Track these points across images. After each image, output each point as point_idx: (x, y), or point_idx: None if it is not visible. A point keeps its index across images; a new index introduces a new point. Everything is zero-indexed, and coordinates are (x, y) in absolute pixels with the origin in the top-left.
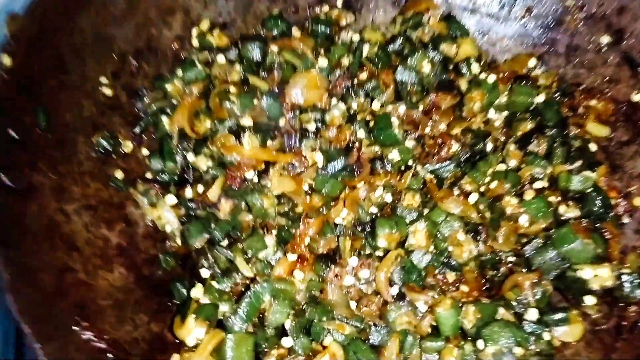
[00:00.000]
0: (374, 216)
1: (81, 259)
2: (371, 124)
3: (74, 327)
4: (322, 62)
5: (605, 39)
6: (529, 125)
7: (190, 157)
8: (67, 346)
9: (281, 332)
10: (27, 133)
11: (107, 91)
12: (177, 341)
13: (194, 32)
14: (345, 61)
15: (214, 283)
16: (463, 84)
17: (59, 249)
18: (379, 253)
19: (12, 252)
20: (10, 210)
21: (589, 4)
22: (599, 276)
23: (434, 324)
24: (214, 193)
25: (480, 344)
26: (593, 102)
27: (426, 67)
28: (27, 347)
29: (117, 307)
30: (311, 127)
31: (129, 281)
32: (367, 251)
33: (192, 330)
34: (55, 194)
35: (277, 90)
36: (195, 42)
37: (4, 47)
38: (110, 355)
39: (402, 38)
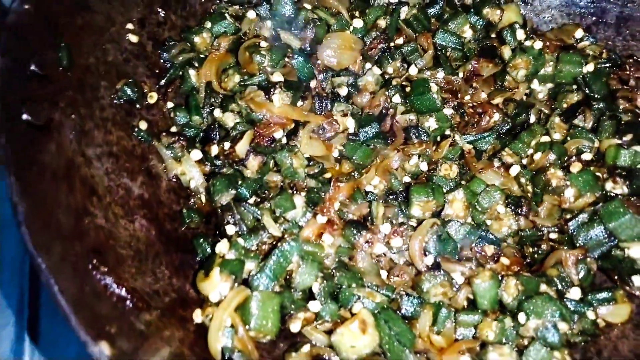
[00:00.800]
0: (407, 186)
1: (101, 204)
2: (407, 89)
3: (92, 270)
4: (358, 22)
5: None
6: (575, 98)
7: (218, 113)
8: (83, 287)
9: (309, 296)
10: (49, 69)
11: (133, 38)
12: (200, 297)
13: None
14: (382, 23)
15: (239, 240)
16: (506, 52)
17: (78, 191)
18: (412, 223)
19: (29, 187)
20: (29, 145)
21: None
22: None
23: (471, 297)
24: (241, 147)
25: (522, 317)
26: None
27: (468, 32)
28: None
29: (137, 258)
30: (343, 91)
31: (151, 234)
32: (400, 220)
33: (217, 285)
34: (76, 136)
35: (309, 49)
36: None
37: None
38: (128, 304)
39: (443, 1)
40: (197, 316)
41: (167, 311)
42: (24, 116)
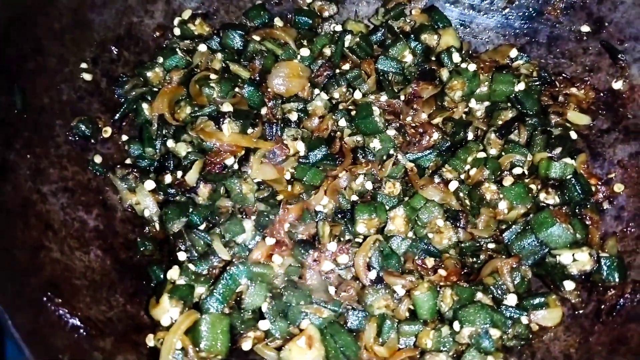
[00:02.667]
0: (354, 203)
1: (56, 238)
2: (353, 113)
3: (47, 303)
4: (304, 51)
5: (585, 28)
6: (509, 114)
7: (170, 143)
8: (38, 319)
9: (259, 315)
10: (4, 113)
11: (87, 76)
12: (153, 323)
13: (176, 21)
14: (328, 51)
15: (190, 265)
16: (444, 74)
17: (34, 227)
18: (359, 239)
19: None
20: None
21: None
22: (578, 260)
23: (412, 307)
24: (191, 176)
25: (456, 325)
26: (574, 91)
27: (408, 57)
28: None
29: (92, 288)
30: (293, 116)
31: (106, 263)
32: (347, 237)
33: (167, 310)
34: (31, 175)
35: (258, 79)
36: (177, 31)
37: None
38: (82, 332)
39: (384, 28)
40: (150, 340)
41: (121, 337)
42: None
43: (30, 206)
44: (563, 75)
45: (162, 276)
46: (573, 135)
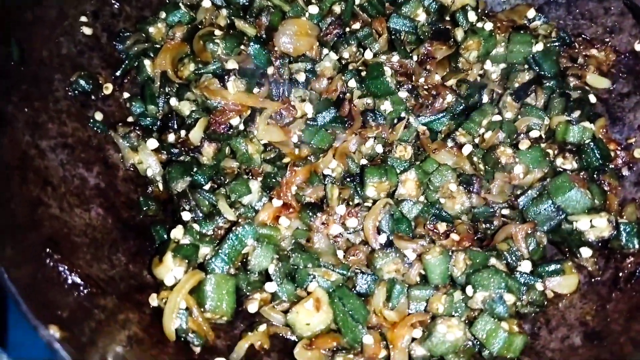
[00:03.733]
0: (364, 167)
1: (55, 195)
2: (363, 73)
3: (45, 258)
4: (313, 9)
5: None
6: (526, 76)
7: (174, 101)
8: (36, 276)
9: (265, 277)
10: (1, 64)
11: (87, 30)
12: (156, 282)
13: None
14: (337, 9)
15: (195, 225)
16: (459, 34)
17: (32, 182)
18: (368, 203)
19: None
20: None
21: None
22: (596, 227)
23: (423, 272)
24: (196, 135)
25: (469, 290)
26: (594, 52)
27: (421, 16)
28: None
29: (93, 245)
30: (301, 77)
31: (107, 222)
32: (356, 201)
33: (171, 269)
34: (30, 129)
35: (265, 37)
36: None
37: None
38: (82, 290)
39: None
40: (153, 300)
41: (123, 296)
42: None
43: (29, 161)
44: (583, 36)
45: (165, 236)
46: (592, 98)
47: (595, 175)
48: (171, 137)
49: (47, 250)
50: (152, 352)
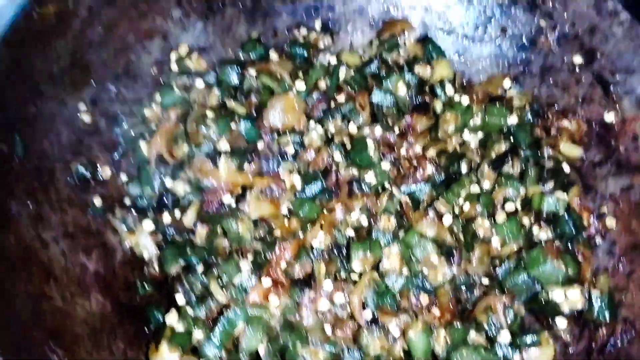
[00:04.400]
0: (350, 239)
1: (58, 286)
2: (348, 146)
3: (49, 353)
4: (300, 85)
5: (578, 59)
6: (503, 147)
7: (169, 182)
8: None
9: (256, 358)
10: (5, 162)
11: (86, 118)
12: None
13: (173, 56)
14: (323, 84)
15: (188, 309)
16: (438, 106)
17: (36, 276)
18: (355, 277)
19: None
20: None
21: (561, 24)
22: (569, 298)
23: (407, 348)
24: (189, 219)
25: None
26: (566, 123)
27: (402, 90)
28: None
29: (93, 334)
30: (290, 149)
31: (106, 308)
32: (343, 275)
33: (166, 357)
34: (33, 222)
35: (254, 114)
36: (174, 67)
37: None
38: None
39: (378, 60)
40: None
41: None
42: None
43: (33, 255)
44: (555, 105)
45: (161, 319)
46: (566, 168)
47: (569, 244)
48: (166, 218)
49: (50, 344)
50: None
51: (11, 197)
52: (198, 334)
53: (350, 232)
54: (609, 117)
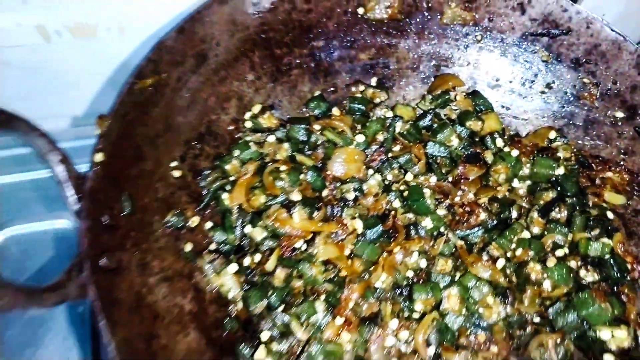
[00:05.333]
0: (410, 281)
1: (162, 326)
2: (405, 193)
3: None
4: (360, 138)
5: (620, 114)
6: (550, 195)
7: (248, 229)
8: None
9: None
10: (116, 218)
11: (176, 173)
12: None
13: (247, 115)
14: (380, 137)
15: (273, 345)
16: (489, 156)
17: (146, 318)
18: (416, 316)
19: (114, 326)
20: (109, 289)
21: (604, 81)
22: (616, 337)
23: None
24: (270, 264)
25: None
26: (609, 174)
27: (454, 141)
28: None
29: None
30: (350, 196)
31: (202, 343)
32: (406, 314)
33: None
34: (140, 270)
35: (320, 165)
36: (248, 124)
37: (96, 146)
38: None
39: (431, 114)
40: None
41: None
42: (101, 263)
43: (142, 299)
44: (599, 157)
45: (248, 354)
46: (610, 215)
47: (615, 287)
48: (246, 261)
49: None
50: None
51: (123, 249)
52: None
53: (410, 274)
54: None
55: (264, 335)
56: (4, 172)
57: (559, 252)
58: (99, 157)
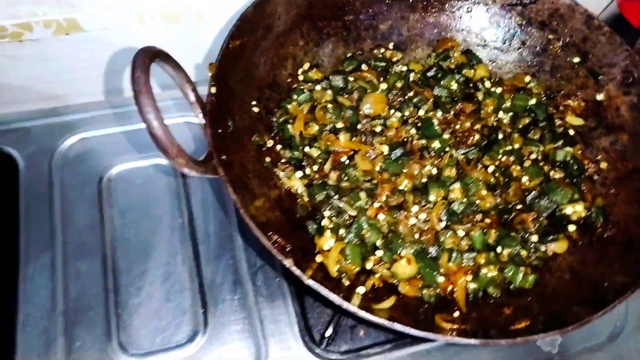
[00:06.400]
0: (425, 183)
1: (260, 208)
2: (419, 124)
3: (270, 237)
4: (383, 85)
5: (576, 59)
6: (527, 120)
7: (307, 149)
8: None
9: (374, 248)
10: (224, 132)
11: (255, 109)
12: (316, 250)
13: (300, 71)
14: (399, 84)
15: (334, 219)
16: (480, 95)
17: (249, 195)
18: (430, 204)
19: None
20: (229, 174)
21: (563, 36)
22: (576, 210)
23: (470, 243)
24: (327, 167)
25: (499, 249)
26: (569, 102)
27: (454, 85)
28: None
29: (286, 234)
30: (378, 129)
31: (283, 219)
32: (423, 203)
33: (327, 240)
34: (241, 168)
35: (355, 105)
36: (300, 77)
37: (210, 83)
38: (287, 249)
39: (435, 67)
40: (319, 258)
41: (300, 258)
42: (221, 159)
43: (248, 184)
44: (562, 92)
45: (315, 227)
46: (571, 132)
47: (575, 181)
48: (307, 171)
49: (269, 233)
50: (326, 284)
51: (228, 152)
52: (342, 231)
53: (424, 180)
54: (600, 96)
55: (326, 213)
56: (104, 127)
57: (533, 156)
58: (213, 89)
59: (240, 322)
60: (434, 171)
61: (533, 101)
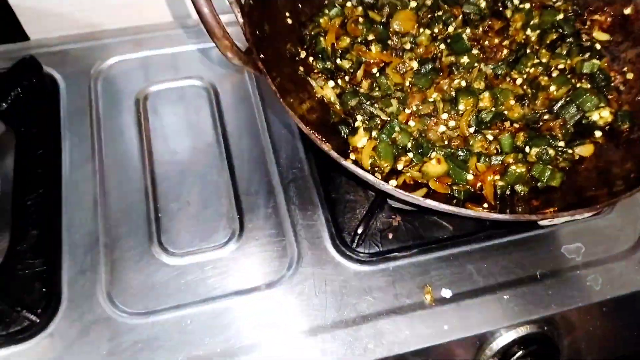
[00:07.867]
0: (455, 95)
1: (306, 115)
2: (448, 40)
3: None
4: (413, 3)
5: None
6: (554, 36)
7: (339, 60)
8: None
9: (405, 150)
10: (261, 34)
11: (289, 21)
12: (350, 148)
13: None
14: (429, 2)
15: (366, 121)
16: (508, 13)
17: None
18: (460, 113)
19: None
20: (270, 73)
21: None
22: (602, 116)
23: (498, 147)
24: (359, 74)
25: (527, 149)
26: (596, 17)
27: (482, 3)
28: None
29: (326, 134)
30: (407, 46)
31: (319, 122)
32: (453, 112)
33: (361, 139)
34: (277, 68)
35: (385, 21)
36: None
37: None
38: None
39: None
40: (352, 156)
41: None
42: (260, 56)
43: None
44: (589, 7)
45: (347, 130)
46: (597, 46)
47: (601, 90)
48: (339, 81)
49: (311, 130)
50: None
51: (266, 54)
52: (374, 132)
53: (453, 93)
54: (627, 10)
55: (359, 117)
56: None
57: (560, 66)
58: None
59: (274, 227)
60: (463, 84)
61: (560, 16)
